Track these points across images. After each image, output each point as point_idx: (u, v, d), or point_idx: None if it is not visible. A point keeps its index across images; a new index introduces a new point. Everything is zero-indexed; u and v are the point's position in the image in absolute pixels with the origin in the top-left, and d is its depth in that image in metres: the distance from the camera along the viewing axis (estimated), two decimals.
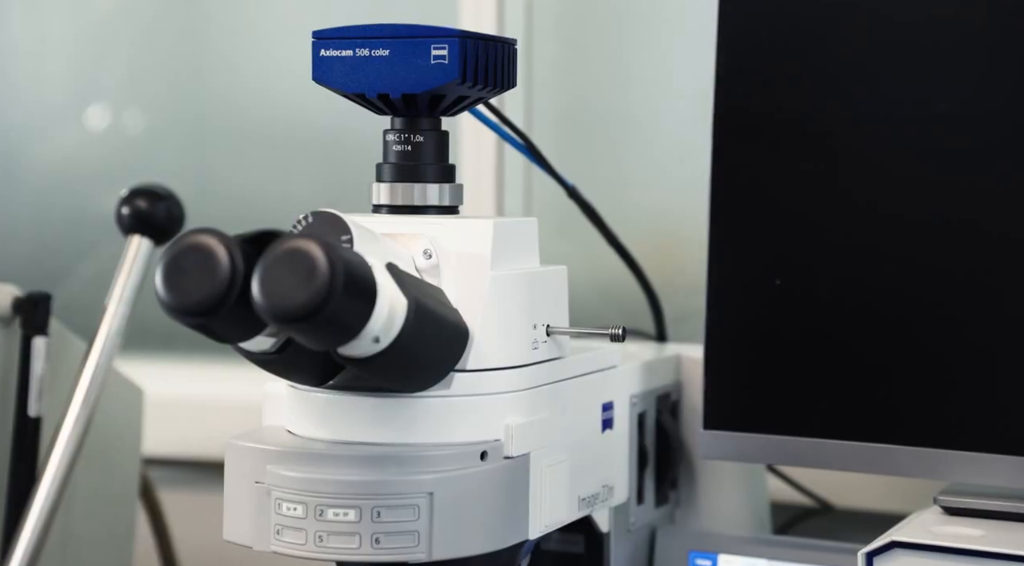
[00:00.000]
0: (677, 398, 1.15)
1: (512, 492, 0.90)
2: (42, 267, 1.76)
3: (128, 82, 1.80)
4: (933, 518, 0.98)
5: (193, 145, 1.77)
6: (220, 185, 1.75)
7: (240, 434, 0.90)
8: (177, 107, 1.77)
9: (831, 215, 1.04)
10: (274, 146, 1.71)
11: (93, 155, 1.80)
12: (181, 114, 1.77)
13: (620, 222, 1.44)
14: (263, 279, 0.76)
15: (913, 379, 1.01)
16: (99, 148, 1.80)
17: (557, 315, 0.95)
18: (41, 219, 1.82)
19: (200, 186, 1.74)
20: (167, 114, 1.78)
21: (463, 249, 0.90)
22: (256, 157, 1.73)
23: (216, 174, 1.76)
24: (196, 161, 1.77)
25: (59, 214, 1.81)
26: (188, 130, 1.77)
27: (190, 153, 1.77)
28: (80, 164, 1.80)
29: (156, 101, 1.78)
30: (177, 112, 1.77)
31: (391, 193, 0.92)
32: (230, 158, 1.75)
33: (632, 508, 1.08)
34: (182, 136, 1.77)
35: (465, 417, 0.88)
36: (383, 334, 0.80)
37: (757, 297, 1.05)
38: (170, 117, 1.78)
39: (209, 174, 1.76)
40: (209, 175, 1.76)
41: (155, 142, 1.78)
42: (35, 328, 1.15)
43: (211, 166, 1.76)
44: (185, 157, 1.77)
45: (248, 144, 1.74)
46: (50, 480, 1.13)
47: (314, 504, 0.85)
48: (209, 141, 1.77)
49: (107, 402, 1.28)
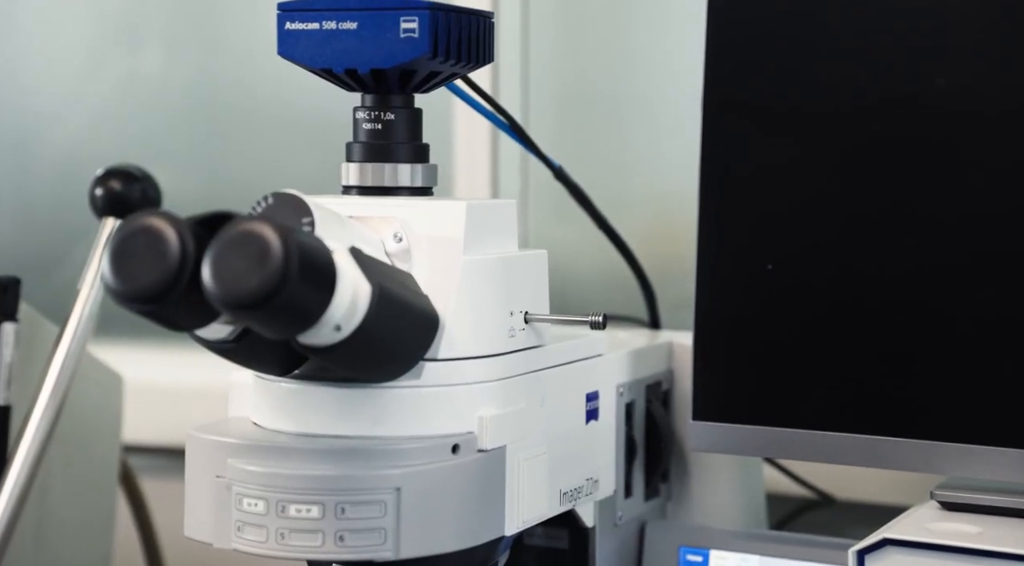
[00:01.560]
0: (669, 387, 1.11)
1: (486, 487, 0.86)
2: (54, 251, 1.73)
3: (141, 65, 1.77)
4: (929, 514, 0.94)
5: (206, 129, 1.74)
6: (232, 169, 1.72)
7: (202, 425, 0.87)
8: (190, 90, 1.74)
9: (824, 200, 0.99)
10: (288, 130, 1.68)
11: (103, 138, 1.76)
12: (194, 98, 1.74)
13: (621, 206, 1.40)
14: (214, 264, 0.72)
15: (909, 369, 0.97)
16: (109, 132, 1.77)
17: (536, 302, 0.91)
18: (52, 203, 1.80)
19: (212, 170, 1.71)
20: (179, 98, 1.74)
21: (435, 232, 0.86)
22: (269, 141, 1.70)
23: (229, 158, 1.73)
24: (209, 145, 1.73)
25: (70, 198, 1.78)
26: (201, 114, 1.74)
27: (202, 137, 1.74)
28: (90, 148, 1.77)
29: (168, 84, 1.75)
30: (190, 96, 1.74)
31: (360, 173, 0.89)
32: (243, 142, 1.71)
33: (619, 502, 1.04)
34: (194, 121, 1.74)
35: (436, 408, 0.84)
36: (345, 322, 0.76)
37: (748, 283, 1.01)
38: (182, 100, 1.74)
39: (222, 158, 1.73)
40: (222, 159, 1.73)
41: (167, 126, 1.75)
42: (3, 314, 1.12)
43: (224, 150, 1.73)
44: (197, 141, 1.74)
45: (261, 128, 1.70)
46: (18, 469, 1.09)
47: (275, 500, 0.81)
48: (222, 125, 1.73)
49: (86, 389, 1.26)
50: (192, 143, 1.74)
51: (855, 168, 0.99)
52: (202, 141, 1.74)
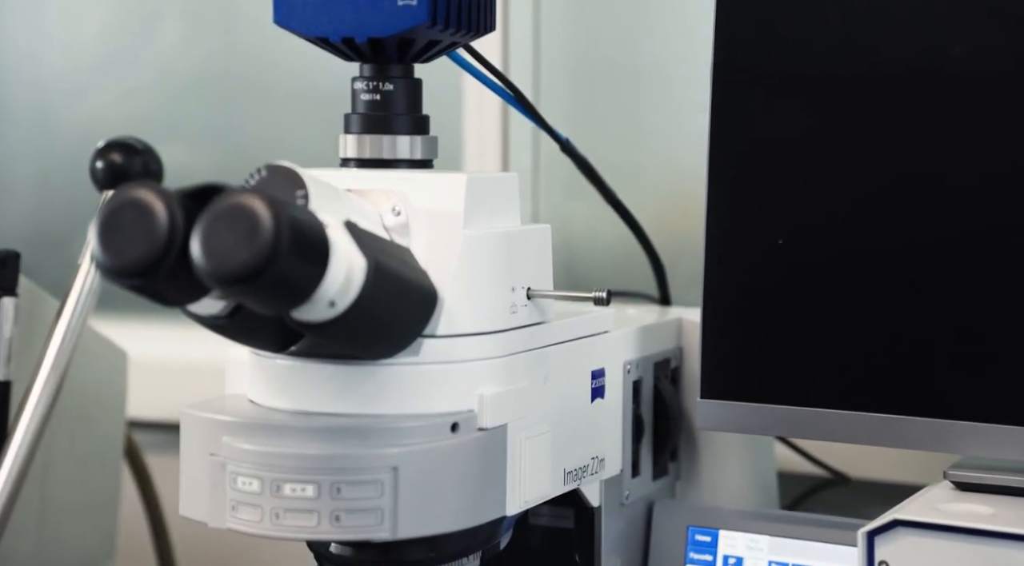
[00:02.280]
0: (678, 365, 1.09)
1: (486, 466, 0.84)
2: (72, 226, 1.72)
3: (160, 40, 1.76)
4: (942, 494, 0.92)
5: (224, 104, 1.72)
6: (250, 143, 1.70)
7: (196, 403, 0.85)
8: (208, 65, 1.72)
9: (837, 172, 0.97)
10: (306, 104, 1.66)
11: (122, 114, 1.75)
12: (212, 73, 1.72)
13: (634, 181, 1.38)
14: (203, 237, 0.70)
15: (923, 346, 0.95)
16: (128, 107, 1.76)
17: (539, 277, 0.89)
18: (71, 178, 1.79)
19: (230, 145, 1.69)
20: (198, 73, 1.73)
21: (434, 206, 0.84)
22: (287, 116, 1.68)
23: (246, 132, 1.71)
24: (227, 120, 1.72)
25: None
26: (219, 89, 1.72)
27: (220, 112, 1.72)
28: (109, 124, 1.76)
29: (187, 59, 1.73)
30: (208, 71, 1.72)
31: (359, 145, 0.87)
32: (261, 116, 1.70)
33: (626, 481, 1.02)
34: (212, 95, 1.73)
35: (435, 386, 0.82)
36: (339, 297, 0.75)
37: (759, 258, 0.99)
38: (201, 75, 1.73)
39: (239, 133, 1.71)
40: (239, 134, 1.71)
41: (185, 101, 1.74)
42: (3, 288, 1.10)
43: (241, 124, 1.71)
44: (215, 116, 1.72)
45: (279, 102, 1.69)
46: (18, 445, 1.07)
47: (270, 479, 0.80)
48: (240, 100, 1.72)
49: (89, 365, 1.24)
50: (210, 118, 1.73)
51: (869, 140, 0.96)
52: (220, 116, 1.72)
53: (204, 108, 1.73)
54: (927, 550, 0.85)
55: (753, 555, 1.03)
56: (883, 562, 0.86)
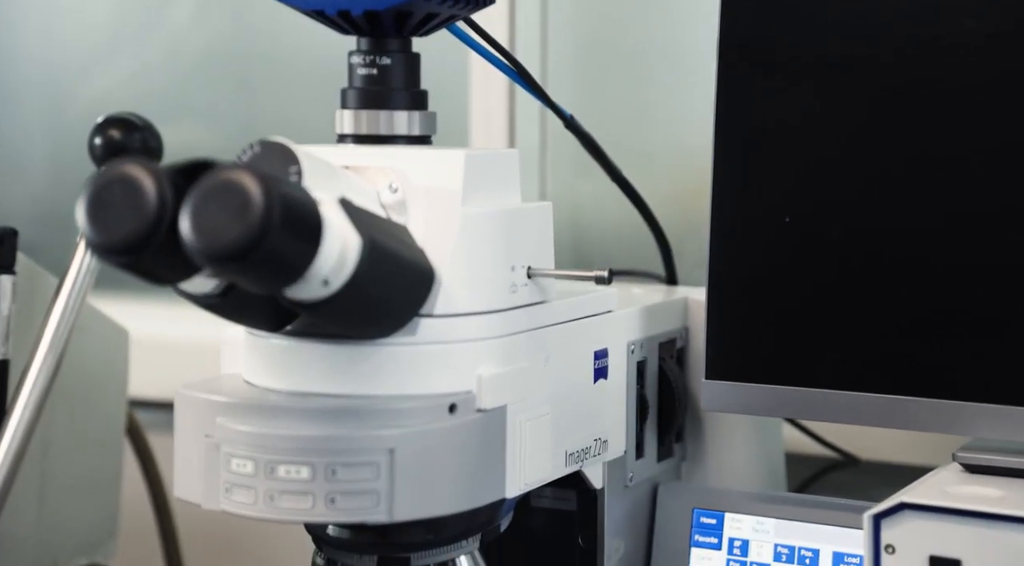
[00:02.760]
0: (684, 345, 1.07)
1: (485, 448, 0.82)
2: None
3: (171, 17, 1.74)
4: (951, 477, 0.90)
5: (235, 81, 1.71)
6: (261, 121, 1.69)
7: (191, 383, 0.84)
8: (219, 43, 1.71)
9: (846, 149, 0.95)
10: (317, 82, 1.65)
11: (134, 92, 1.74)
12: (223, 50, 1.71)
13: (644, 160, 1.36)
14: (192, 214, 0.69)
15: (932, 327, 0.93)
16: (140, 85, 1.75)
17: (540, 256, 0.87)
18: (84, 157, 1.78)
19: (242, 123, 1.68)
20: (209, 50, 1.72)
21: (432, 183, 0.82)
22: (299, 93, 1.66)
23: (258, 110, 1.70)
24: (238, 97, 1.71)
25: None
26: (230, 66, 1.71)
27: (232, 90, 1.71)
28: (122, 102, 1.75)
29: (198, 36, 1.72)
30: (219, 48, 1.71)
31: (355, 121, 0.85)
32: (272, 94, 1.68)
33: (630, 463, 1.00)
34: (224, 73, 1.72)
35: (433, 367, 0.81)
36: (333, 276, 0.73)
37: (765, 236, 0.97)
38: (212, 53, 1.72)
39: (251, 110, 1.70)
40: (251, 111, 1.70)
41: (196, 79, 1.72)
42: (0, 266, 1.08)
43: (253, 102, 1.70)
44: (227, 94, 1.71)
45: (291, 80, 1.67)
46: (16, 424, 1.06)
47: (264, 461, 0.78)
48: (251, 76, 1.70)
49: (91, 344, 1.23)
50: (221, 96, 1.71)
51: (879, 116, 0.95)
52: (230, 94, 1.71)
53: (215, 86, 1.72)
54: (934, 534, 0.84)
55: (759, 538, 1.02)
56: (889, 546, 0.85)
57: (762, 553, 1.01)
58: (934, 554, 0.83)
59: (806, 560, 1.00)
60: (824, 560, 1.00)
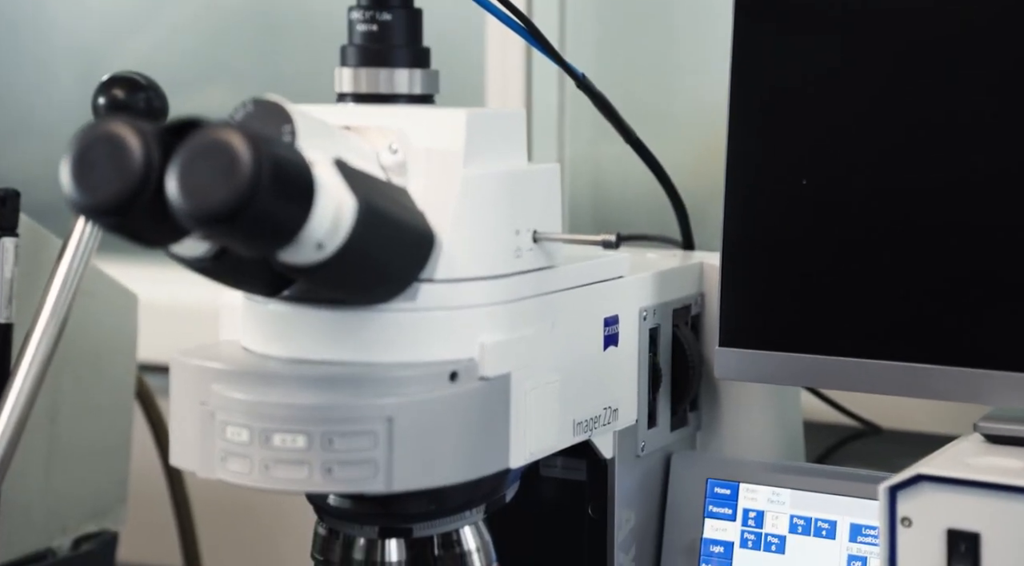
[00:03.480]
0: (699, 311, 1.04)
1: (488, 417, 0.80)
2: None
3: None
4: (972, 447, 0.88)
5: (267, 43, 1.69)
6: (293, 83, 1.66)
7: (187, 349, 0.82)
8: (250, 4, 1.69)
9: (867, 106, 0.92)
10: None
11: (167, 55, 1.72)
12: (254, 11, 1.69)
13: (666, 123, 1.32)
14: (179, 174, 0.67)
15: (954, 293, 0.90)
16: (172, 48, 1.72)
17: (547, 219, 0.85)
18: None
19: (274, 84, 1.65)
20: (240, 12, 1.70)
21: (433, 144, 0.79)
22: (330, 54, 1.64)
23: (288, 71, 1.68)
24: (269, 59, 1.68)
25: None
26: (261, 27, 1.69)
27: (263, 51, 1.69)
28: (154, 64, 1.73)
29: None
30: (250, 9, 1.69)
31: (355, 79, 0.83)
32: (303, 55, 1.66)
33: (641, 432, 0.98)
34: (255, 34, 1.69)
35: (433, 333, 0.79)
36: (327, 239, 0.71)
37: (781, 199, 0.95)
38: (243, 15, 1.69)
39: (281, 72, 1.68)
40: (281, 73, 1.68)
41: (228, 41, 1.70)
42: (2, 228, 1.07)
43: (284, 63, 1.68)
44: (258, 55, 1.69)
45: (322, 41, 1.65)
46: (19, 388, 1.04)
47: (260, 429, 0.76)
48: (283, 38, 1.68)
49: (99, 308, 1.21)
50: (252, 58, 1.69)
51: (903, 73, 0.92)
52: (262, 56, 1.69)
53: (246, 49, 1.70)
54: (952, 506, 0.81)
55: (775, 509, 0.99)
56: (906, 518, 0.82)
57: (777, 524, 0.99)
58: (952, 527, 0.81)
59: (823, 532, 0.98)
60: (841, 532, 0.97)
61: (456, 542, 0.87)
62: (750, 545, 0.99)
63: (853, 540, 0.97)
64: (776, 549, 0.99)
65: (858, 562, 0.96)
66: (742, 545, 0.99)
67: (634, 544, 0.99)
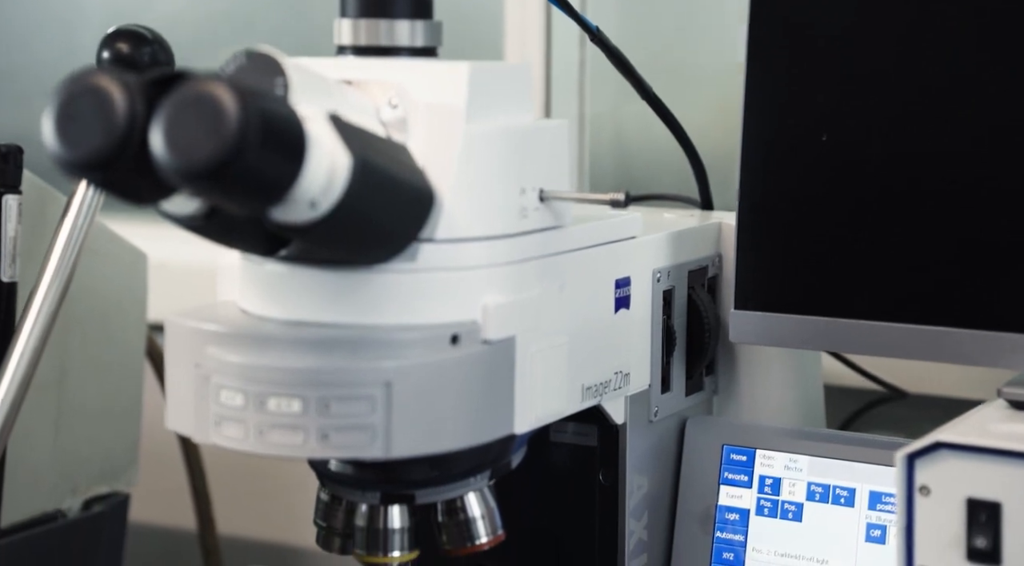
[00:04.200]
0: (716, 272, 1.02)
1: (491, 381, 0.78)
2: None
3: None
4: (995, 413, 0.85)
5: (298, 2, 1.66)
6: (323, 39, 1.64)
7: (183, 310, 0.79)
8: None
9: (888, 61, 0.89)
10: None
11: (196, 15, 1.69)
12: None
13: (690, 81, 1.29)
14: (163, 128, 0.64)
15: (976, 253, 0.87)
16: (202, 7, 1.70)
17: (554, 178, 0.82)
18: None
19: (305, 43, 1.63)
20: None
21: (434, 99, 0.77)
22: None
23: (318, 27, 1.65)
24: (301, 18, 1.66)
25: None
26: None
27: (294, 7, 1.67)
28: (184, 24, 1.71)
29: None
30: None
31: (354, 31, 0.80)
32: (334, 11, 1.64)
33: (654, 397, 0.95)
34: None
35: (434, 295, 0.76)
36: (321, 197, 0.68)
37: (799, 156, 0.92)
38: None
39: (312, 31, 1.65)
40: (311, 29, 1.65)
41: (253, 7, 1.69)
42: (5, 185, 1.04)
43: (314, 19, 1.65)
44: (289, 14, 1.66)
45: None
46: (23, 347, 1.02)
47: (254, 393, 0.74)
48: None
49: (108, 267, 1.20)
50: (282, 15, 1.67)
51: (926, 24, 0.88)
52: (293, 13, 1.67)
53: (276, 7, 1.67)
54: (972, 474, 0.78)
55: (792, 476, 0.96)
56: (924, 487, 0.79)
57: (795, 492, 0.96)
58: (972, 496, 0.78)
59: (841, 499, 0.95)
60: (860, 500, 0.94)
61: (460, 509, 0.85)
62: (766, 512, 0.97)
63: (872, 508, 0.94)
64: (793, 516, 0.96)
65: (877, 530, 0.94)
66: (758, 512, 0.97)
67: (646, 511, 0.97)
